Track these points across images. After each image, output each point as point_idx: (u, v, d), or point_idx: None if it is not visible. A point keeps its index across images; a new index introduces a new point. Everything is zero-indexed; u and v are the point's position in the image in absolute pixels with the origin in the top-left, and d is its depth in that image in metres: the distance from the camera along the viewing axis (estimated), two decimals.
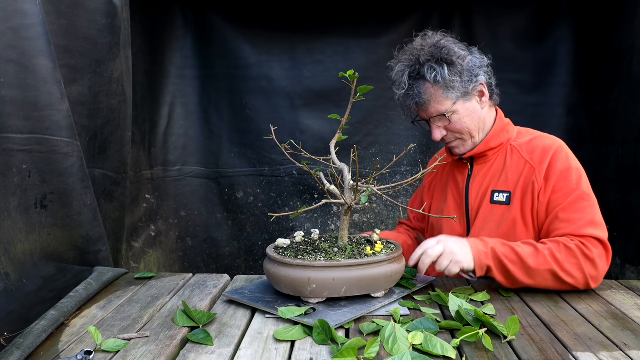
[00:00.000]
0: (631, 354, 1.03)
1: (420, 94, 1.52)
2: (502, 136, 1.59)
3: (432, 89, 1.51)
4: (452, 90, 1.50)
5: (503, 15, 2.59)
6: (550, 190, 1.46)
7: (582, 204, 1.42)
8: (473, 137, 1.57)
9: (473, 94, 1.55)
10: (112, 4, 1.72)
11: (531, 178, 1.50)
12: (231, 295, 1.35)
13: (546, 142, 1.54)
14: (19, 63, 1.35)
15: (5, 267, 1.25)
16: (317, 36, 2.64)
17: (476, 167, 1.63)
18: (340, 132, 1.33)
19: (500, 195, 1.54)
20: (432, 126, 1.58)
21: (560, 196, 1.44)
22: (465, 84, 1.51)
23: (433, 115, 1.55)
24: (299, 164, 1.37)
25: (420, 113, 1.60)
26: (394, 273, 1.28)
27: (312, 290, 1.21)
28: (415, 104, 1.55)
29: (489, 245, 1.35)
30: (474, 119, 1.55)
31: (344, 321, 1.15)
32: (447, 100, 1.52)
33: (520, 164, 1.54)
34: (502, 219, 1.52)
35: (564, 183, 1.45)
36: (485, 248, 1.35)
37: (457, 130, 1.56)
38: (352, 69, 1.26)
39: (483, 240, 1.37)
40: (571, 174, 1.46)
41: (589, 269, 1.35)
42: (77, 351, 1.05)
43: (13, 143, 1.34)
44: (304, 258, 1.25)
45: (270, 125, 1.40)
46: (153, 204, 2.57)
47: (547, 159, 1.49)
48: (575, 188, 1.44)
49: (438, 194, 1.75)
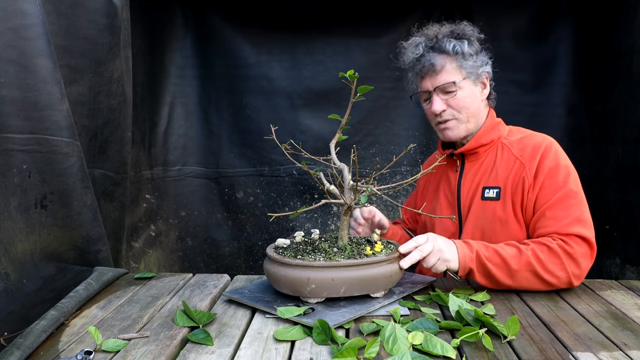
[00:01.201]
0: (631, 354, 1.03)
1: (434, 60, 1.53)
2: (493, 133, 1.59)
3: (448, 58, 1.54)
4: (467, 64, 1.54)
5: (503, 15, 2.59)
6: (539, 187, 1.46)
7: (569, 201, 1.42)
8: (468, 121, 1.57)
9: (479, 80, 1.58)
10: (112, 4, 1.72)
11: (521, 174, 1.50)
12: (231, 294, 1.35)
13: (537, 140, 1.55)
14: (19, 63, 1.35)
15: (5, 267, 1.25)
16: (317, 36, 2.64)
17: (467, 164, 1.63)
18: (340, 132, 1.33)
19: (491, 191, 1.55)
20: (434, 98, 1.57)
21: (547, 193, 1.45)
22: (477, 65, 1.56)
23: (440, 84, 1.54)
24: (299, 164, 1.36)
25: (424, 82, 1.58)
26: (393, 273, 1.27)
27: (311, 290, 1.21)
28: (425, 70, 1.55)
29: (474, 249, 1.36)
30: (474, 102, 1.57)
31: (343, 321, 1.15)
32: (459, 72, 1.54)
33: (510, 160, 1.55)
34: (493, 215, 1.53)
35: (552, 180, 1.45)
36: (471, 252, 1.35)
37: (459, 107, 1.55)
38: (352, 68, 1.26)
39: (468, 244, 1.38)
40: (559, 171, 1.46)
41: (572, 267, 1.35)
42: (77, 351, 1.05)
43: (13, 143, 1.34)
44: (303, 258, 1.25)
45: (271, 125, 1.40)
46: (153, 204, 2.58)
47: (538, 156, 1.50)
48: (562, 185, 1.44)
49: (430, 194, 1.75)
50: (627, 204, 2.24)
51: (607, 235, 2.35)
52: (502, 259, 1.34)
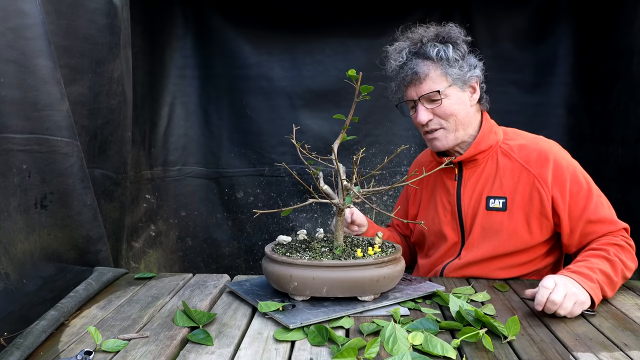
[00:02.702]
0: (631, 354, 1.03)
1: (418, 68, 1.48)
2: (490, 138, 1.55)
3: (432, 65, 1.48)
4: (452, 70, 1.48)
5: (503, 15, 2.58)
6: (568, 196, 1.46)
7: (599, 199, 1.47)
8: (457, 130, 1.52)
9: (467, 85, 1.52)
10: (112, 4, 1.72)
11: (534, 185, 1.48)
12: (231, 286, 1.41)
13: (541, 146, 1.52)
14: (19, 63, 1.35)
15: (5, 267, 1.24)
16: (317, 36, 2.64)
17: (466, 171, 1.59)
18: (344, 133, 1.32)
19: (496, 201, 1.52)
20: (419, 107, 1.51)
21: (579, 199, 1.46)
22: (464, 70, 1.50)
23: (425, 93, 1.49)
24: (306, 162, 1.35)
25: (409, 91, 1.53)
26: (381, 278, 1.24)
27: (294, 287, 1.23)
28: (408, 78, 1.50)
29: (594, 278, 1.29)
30: (462, 109, 1.51)
31: (308, 322, 1.14)
32: (444, 79, 1.48)
33: (515, 168, 1.51)
34: (500, 226, 1.50)
35: (578, 186, 1.47)
36: (592, 282, 1.28)
37: (446, 115, 1.50)
38: (352, 68, 1.24)
39: (581, 274, 1.29)
40: (579, 175, 1.48)
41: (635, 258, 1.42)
42: (77, 351, 1.05)
43: (13, 143, 1.34)
44: (290, 255, 1.26)
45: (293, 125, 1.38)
46: (153, 204, 2.57)
47: (549, 166, 1.47)
48: (587, 187, 1.47)
49: (425, 202, 1.70)
50: (627, 204, 2.23)
51: None
52: (607, 275, 1.33)
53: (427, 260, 1.68)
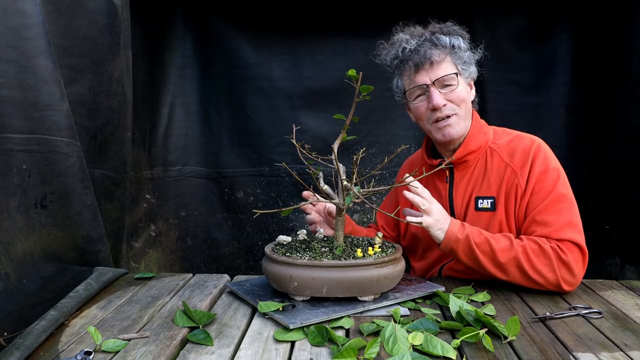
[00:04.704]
0: (632, 354, 1.03)
1: (432, 52, 1.48)
2: (480, 138, 1.54)
3: (445, 52, 1.50)
4: (461, 61, 1.52)
5: (503, 15, 2.58)
6: (530, 192, 1.44)
7: (558, 205, 1.40)
8: (466, 118, 1.53)
9: (470, 79, 1.56)
10: (112, 4, 1.72)
11: (514, 182, 1.47)
12: (231, 286, 1.41)
13: (525, 143, 1.51)
14: (19, 63, 1.35)
15: (5, 267, 1.25)
16: (317, 36, 2.64)
17: (457, 173, 1.58)
18: (344, 133, 1.32)
19: (485, 201, 1.52)
20: (433, 91, 1.49)
21: (537, 198, 1.43)
22: (470, 63, 1.54)
23: (440, 76, 1.48)
24: (306, 162, 1.35)
25: (419, 76, 1.50)
26: (381, 278, 1.24)
27: (294, 287, 1.23)
28: (421, 62, 1.48)
29: (465, 232, 1.38)
30: (469, 100, 1.54)
31: (308, 322, 1.14)
32: (455, 68, 1.51)
33: (501, 167, 1.51)
34: (488, 225, 1.49)
35: (542, 184, 1.44)
36: (460, 234, 1.37)
37: (459, 100, 1.50)
38: (352, 68, 1.24)
39: (463, 226, 1.39)
40: (548, 175, 1.44)
41: (563, 272, 1.34)
42: (77, 351, 1.05)
43: (13, 143, 1.34)
44: (290, 255, 1.26)
45: (293, 125, 1.38)
46: (153, 204, 2.57)
47: (529, 162, 1.47)
48: (552, 189, 1.42)
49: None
50: (627, 204, 2.23)
51: (607, 235, 2.34)
52: (492, 248, 1.36)
53: (423, 263, 1.67)
